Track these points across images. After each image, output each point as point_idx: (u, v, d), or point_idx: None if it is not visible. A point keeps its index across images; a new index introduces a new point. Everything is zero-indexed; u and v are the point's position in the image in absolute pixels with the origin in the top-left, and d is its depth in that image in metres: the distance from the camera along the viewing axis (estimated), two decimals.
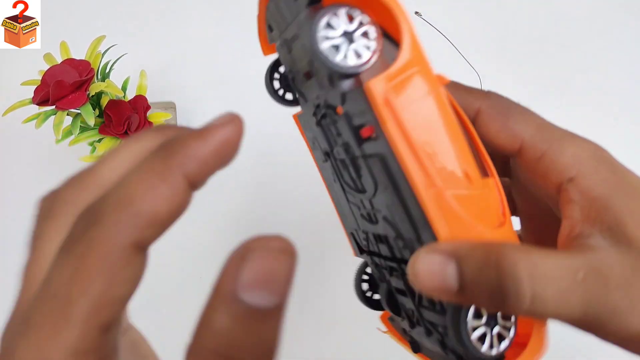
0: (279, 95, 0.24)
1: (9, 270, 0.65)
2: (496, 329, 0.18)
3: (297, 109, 0.24)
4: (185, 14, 0.63)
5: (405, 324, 0.22)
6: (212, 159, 0.13)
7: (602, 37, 0.60)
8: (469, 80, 0.21)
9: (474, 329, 0.17)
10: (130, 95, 0.48)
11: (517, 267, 0.15)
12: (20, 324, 0.12)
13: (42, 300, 0.12)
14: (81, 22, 0.63)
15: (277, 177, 0.56)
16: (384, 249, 0.21)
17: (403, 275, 0.20)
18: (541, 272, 0.16)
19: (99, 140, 0.46)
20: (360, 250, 0.24)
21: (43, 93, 0.42)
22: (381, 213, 0.19)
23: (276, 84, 0.24)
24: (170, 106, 0.56)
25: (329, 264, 0.54)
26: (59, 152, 0.58)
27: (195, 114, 0.59)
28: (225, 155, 0.14)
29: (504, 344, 0.18)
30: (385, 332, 0.24)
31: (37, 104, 0.43)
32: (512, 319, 0.18)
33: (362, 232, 0.23)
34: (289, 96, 0.24)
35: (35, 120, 0.44)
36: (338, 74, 0.17)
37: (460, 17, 0.60)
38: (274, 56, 0.24)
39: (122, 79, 0.49)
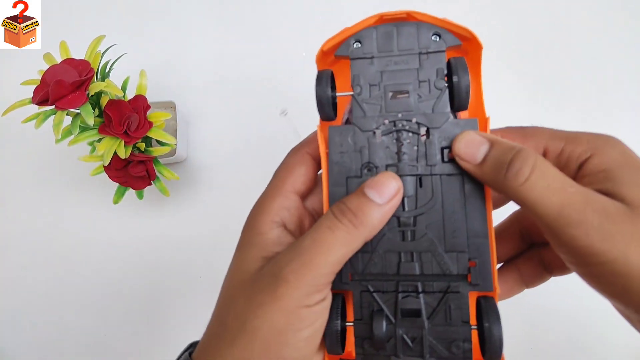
0: (332, 104, 0.24)
1: (10, 269, 0.65)
2: None
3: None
4: (185, 13, 0.63)
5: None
6: None
7: (602, 37, 0.60)
8: None
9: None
10: (130, 95, 0.48)
11: (529, 155, 0.20)
12: None
13: None
14: (81, 22, 0.63)
15: None
16: (413, 268, 0.23)
17: (426, 294, 0.23)
18: (544, 167, 0.20)
19: (99, 140, 0.46)
20: (354, 277, 0.24)
21: (43, 93, 0.42)
22: (425, 229, 0.23)
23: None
24: (170, 106, 0.55)
25: None
26: (58, 152, 0.59)
27: (195, 113, 0.59)
28: None
29: None
30: None
31: (37, 104, 0.43)
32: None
33: (390, 254, 0.23)
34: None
35: (34, 120, 0.44)
36: (463, 104, 0.23)
37: (461, 17, 0.60)
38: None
39: (121, 78, 0.49)
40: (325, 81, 0.24)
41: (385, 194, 0.22)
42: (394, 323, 0.23)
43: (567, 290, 0.52)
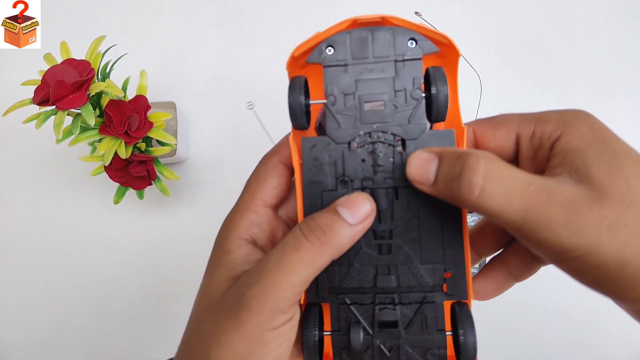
0: (305, 114, 0.23)
1: (10, 269, 0.65)
2: None
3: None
4: (185, 14, 0.63)
5: None
6: None
7: (602, 37, 0.60)
8: (468, 80, 0.21)
9: None
10: (130, 95, 0.48)
11: (477, 163, 0.19)
12: None
13: None
14: (81, 22, 0.63)
15: None
16: (389, 281, 0.23)
17: (402, 305, 0.23)
18: (497, 172, 0.19)
19: (99, 140, 0.46)
20: (330, 290, 0.24)
21: (43, 93, 0.42)
22: (401, 242, 0.23)
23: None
24: (170, 106, 0.56)
25: None
26: (59, 152, 0.59)
27: (195, 113, 0.59)
28: None
29: None
30: None
31: (38, 104, 0.43)
32: None
33: (367, 268, 0.23)
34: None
35: (35, 121, 0.44)
36: (441, 117, 0.22)
37: (460, 17, 0.60)
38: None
39: (122, 79, 0.49)
40: (299, 89, 0.22)
41: (357, 215, 0.21)
42: (371, 334, 0.23)
43: (567, 290, 0.52)
